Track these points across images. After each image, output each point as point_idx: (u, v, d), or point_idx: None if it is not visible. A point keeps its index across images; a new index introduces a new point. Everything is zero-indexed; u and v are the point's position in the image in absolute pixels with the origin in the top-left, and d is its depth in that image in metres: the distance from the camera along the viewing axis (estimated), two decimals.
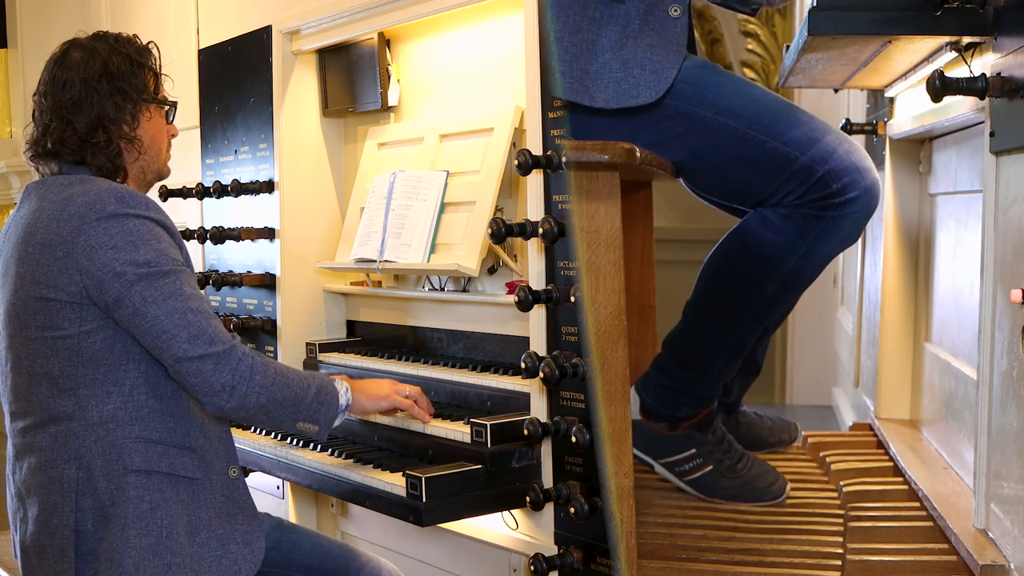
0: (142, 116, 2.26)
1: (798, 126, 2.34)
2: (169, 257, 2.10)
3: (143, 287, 2.04)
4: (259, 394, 2.12)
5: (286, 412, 2.19)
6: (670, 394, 2.58)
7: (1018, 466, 1.84)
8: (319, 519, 3.27)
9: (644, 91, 2.34)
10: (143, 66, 2.28)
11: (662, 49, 2.34)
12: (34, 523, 2.13)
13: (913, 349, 3.06)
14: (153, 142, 2.30)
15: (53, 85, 2.22)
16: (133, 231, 2.07)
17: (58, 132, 2.20)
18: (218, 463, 2.20)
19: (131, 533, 2.07)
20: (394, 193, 2.90)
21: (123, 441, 2.10)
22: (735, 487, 2.56)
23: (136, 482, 2.09)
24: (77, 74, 2.20)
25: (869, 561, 2.19)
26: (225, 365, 2.08)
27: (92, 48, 2.25)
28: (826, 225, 2.33)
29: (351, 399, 2.33)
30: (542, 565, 2.29)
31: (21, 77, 5.60)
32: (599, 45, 2.34)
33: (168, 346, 2.05)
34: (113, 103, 2.22)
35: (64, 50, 2.26)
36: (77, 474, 2.09)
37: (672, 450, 2.61)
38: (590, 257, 2.21)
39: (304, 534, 2.47)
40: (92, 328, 2.08)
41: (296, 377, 2.22)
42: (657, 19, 2.34)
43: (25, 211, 2.19)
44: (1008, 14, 1.85)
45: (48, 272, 2.07)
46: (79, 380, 2.09)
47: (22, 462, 2.17)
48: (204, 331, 2.07)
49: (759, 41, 6.01)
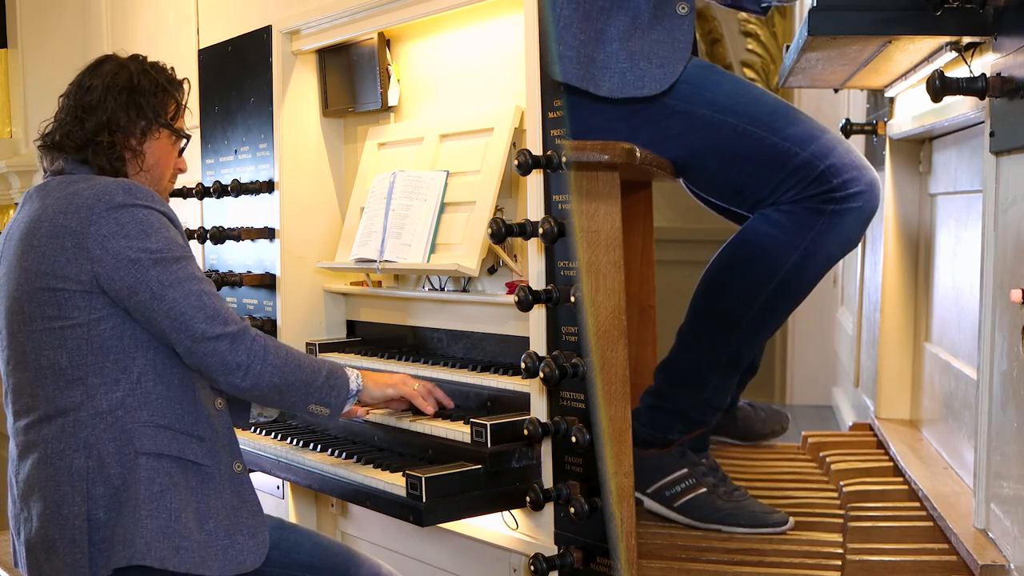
0: (152, 136, 2.32)
1: (797, 123, 2.35)
2: (178, 244, 2.18)
3: (159, 272, 2.12)
4: (272, 373, 2.20)
5: (298, 393, 2.27)
6: (661, 415, 2.50)
7: (1018, 466, 1.84)
8: (319, 519, 3.27)
9: (650, 83, 2.35)
10: (168, 92, 2.36)
11: (669, 46, 2.35)
12: (39, 519, 2.14)
13: (913, 349, 3.06)
14: (158, 164, 2.36)
15: (78, 88, 2.31)
16: (143, 220, 2.14)
17: (68, 127, 2.28)
18: (224, 455, 2.24)
19: (143, 514, 2.11)
20: (394, 193, 2.90)
21: (132, 426, 2.14)
22: (731, 509, 2.41)
23: (147, 464, 2.13)
24: (102, 82, 2.29)
25: (869, 561, 2.19)
26: (240, 344, 2.16)
27: (125, 64, 2.34)
28: (827, 219, 2.32)
29: (362, 384, 2.40)
30: (542, 565, 2.29)
31: (21, 77, 5.60)
32: (607, 35, 2.34)
33: (187, 327, 2.12)
34: (126, 114, 2.29)
35: (99, 60, 2.35)
36: (87, 463, 2.12)
37: (662, 472, 2.47)
38: (590, 257, 2.21)
39: (304, 533, 2.48)
40: (102, 316, 2.13)
41: (307, 360, 2.30)
42: (665, 15, 2.35)
43: (26, 212, 2.23)
44: (1008, 14, 1.85)
45: (56, 263, 2.11)
46: (88, 369, 2.13)
47: (25, 460, 2.18)
48: (219, 312, 2.16)
49: (759, 41, 6.01)
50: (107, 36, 4.40)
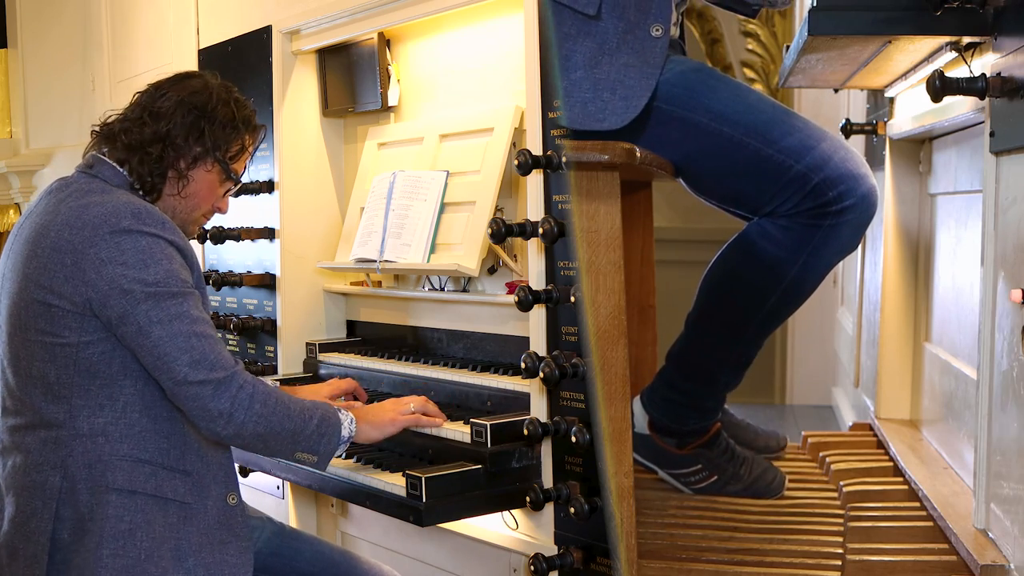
0: (202, 166, 2.25)
1: (793, 133, 2.33)
2: (179, 279, 2.07)
3: (149, 307, 2.03)
4: (256, 423, 2.09)
5: (284, 443, 2.16)
6: (677, 408, 2.59)
7: (1018, 466, 1.84)
8: (319, 519, 3.27)
9: (610, 116, 2.31)
10: (238, 131, 2.28)
11: (636, 70, 2.31)
12: (9, 524, 2.12)
13: (913, 349, 3.06)
14: (196, 195, 2.27)
15: (155, 91, 2.25)
16: (145, 249, 2.05)
17: (129, 124, 2.21)
18: (215, 488, 2.17)
19: (104, 552, 2.05)
20: (394, 193, 2.90)
21: (109, 457, 2.08)
22: (738, 491, 2.61)
23: (116, 501, 2.07)
24: (179, 95, 2.23)
25: (869, 561, 2.19)
26: (225, 392, 2.05)
27: (210, 87, 2.27)
28: (824, 234, 2.33)
29: (355, 431, 2.28)
30: (542, 565, 2.29)
31: (21, 77, 5.60)
32: (572, 61, 2.32)
33: (169, 368, 2.04)
34: (186, 135, 2.21)
35: (188, 73, 2.31)
36: (61, 483, 2.07)
37: (680, 464, 2.65)
38: (590, 257, 2.21)
39: (305, 541, 2.46)
40: (92, 340, 2.06)
41: (298, 408, 2.17)
42: (637, 39, 2.32)
43: (41, 209, 2.17)
44: (1008, 14, 1.85)
45: (54, 279, 2.06)
46: (73, 389, 2.08)
47: (7, 459, 2.16)
48: (206, 356, 2.05)
49: (759, 41, 6.01)
50: (107, 36, 4.40)
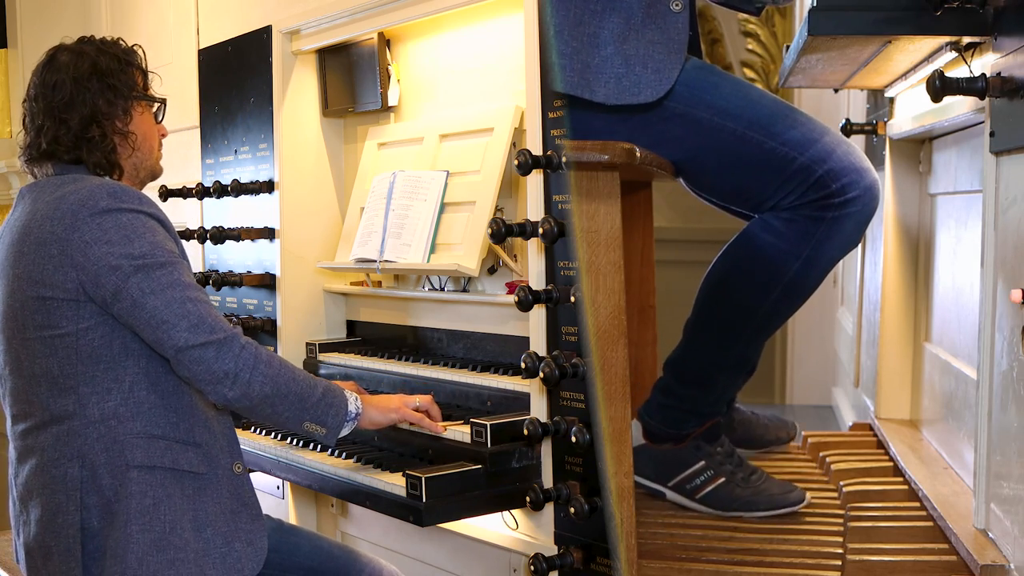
0: (134, 112, 2.28)
1: (796, 127, 2.34)
2: (165, 249, 2.10)
3: (140, 278, 2.05)
4: (263, 383, 2.10)
5: (292, 407, 2.17)
6: (674, 412, 2.56)
7: (1018, 466, 1.84)
8: (319, 519, 3.27)
9: (645, 89, 2.33)
10: (131, 64, 2.30)
11: (664, 47, 2.33)
12: (37, 524, 2.13)
13: (913, 349, 3.06)
14: (146, 139, 2.31)
15: (43, 88, 2.24)
16: (127, 225, 2.08)
17: (52, 131, 2.21)
18: (223, 458, 2.20)
19: (134, 528, 2.08)
20: (394, 193, 2.90)
21: (124, 437, 2.10)
22: (749, 495, 2.50)
23: (138, 478, 2.09)
24: (67, 74, 2.22)
25: (869, 561, 2.19)
26: (228, 352, 2.07)
27: (79, 50, 2.27)
28: (827, 227, 2.33)
29: (361, 408, 2.29)
30: (542, 565, 2.29)
31: (21, 77, 5.60)
32: (600, 38, 2.32)
33: (169, 336, 2.05)
34: (105, 99, 2.23)
35: (51, 55, 2.28)
36: (80, 472, 2.09)
37: (681, 466, 2.55)
38: (590, 257, 2.21)
39: (304, 536, 2.47)
40: (90, 325, 2.08)
41: (303, 375, 2.21)
42: (659, 13, 2.32)
43: (19, 213, 2.20)
44: (1008, 14, 1.85)
45: (44, 270, 2.08)
46: (78, 378, 2.09)
47: (24, 465, 2.17)
48: (204, 319, 2.07)
49: (759, 41, 6.01)
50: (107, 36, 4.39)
